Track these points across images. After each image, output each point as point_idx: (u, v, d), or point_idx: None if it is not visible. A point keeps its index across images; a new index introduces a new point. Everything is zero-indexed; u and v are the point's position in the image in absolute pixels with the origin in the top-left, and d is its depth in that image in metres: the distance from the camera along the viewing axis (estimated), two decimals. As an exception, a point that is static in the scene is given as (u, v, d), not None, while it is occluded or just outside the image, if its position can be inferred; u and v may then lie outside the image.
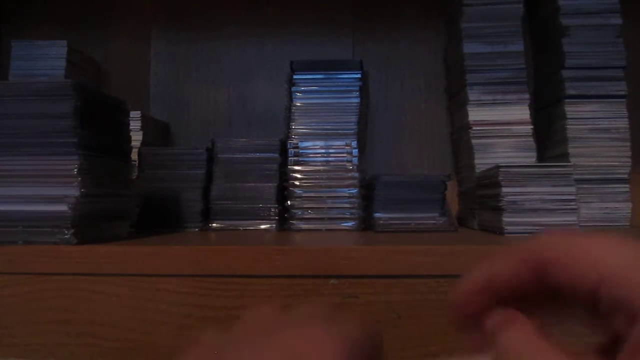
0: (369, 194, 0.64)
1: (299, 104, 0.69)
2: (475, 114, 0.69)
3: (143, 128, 0.73)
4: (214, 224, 0.65)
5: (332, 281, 0.42)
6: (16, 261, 0.44)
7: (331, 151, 0.66)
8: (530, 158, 0.67)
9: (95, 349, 0.43)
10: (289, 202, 0.65)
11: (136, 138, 0.69)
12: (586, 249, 0.17)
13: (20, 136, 0.47)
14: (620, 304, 0.15)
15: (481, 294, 0.18)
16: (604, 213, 0.68)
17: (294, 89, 0.69)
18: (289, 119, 0.68)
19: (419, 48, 0.84)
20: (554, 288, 0.17)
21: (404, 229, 0.60)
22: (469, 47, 0.70)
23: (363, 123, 0.70)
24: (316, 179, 0.65)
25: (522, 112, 0.69)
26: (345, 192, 0.65)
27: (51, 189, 0.46)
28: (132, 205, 0.57)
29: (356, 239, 0.53)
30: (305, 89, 0.69)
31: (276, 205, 0.65)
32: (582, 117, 0.68)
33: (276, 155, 0.67)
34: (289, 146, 0.66)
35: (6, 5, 0.88)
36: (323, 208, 0.64)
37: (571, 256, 0.17)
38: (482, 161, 0.68)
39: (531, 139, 0.68)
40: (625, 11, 0.68)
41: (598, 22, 0.69)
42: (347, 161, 0.66)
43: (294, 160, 0.66)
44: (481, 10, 0.70)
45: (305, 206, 0.65)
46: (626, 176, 0.68)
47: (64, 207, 0.45)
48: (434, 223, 0.61)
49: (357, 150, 0.66)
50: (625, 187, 0.68)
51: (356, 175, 0.65)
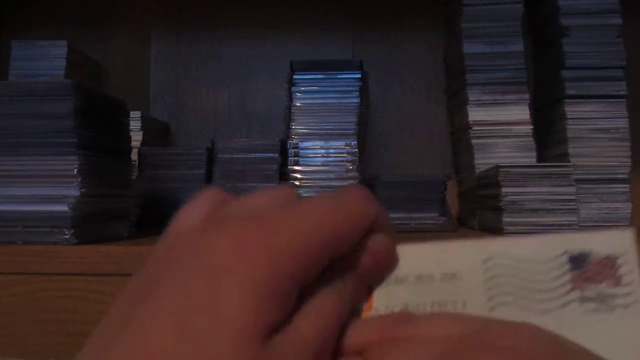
0: (369, 194, 0.64)
1: (299, 104, 0.69)
2: (475, 114, 0.69)
3: (143, 128, 0.73)
4: (214, 224, 0.65)
5: (332, 281, 0.42)
6: (16, 261, 0.44)
7: (331, 151, 0.66)
8: (530, 158, 0.67)
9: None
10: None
11: (136, 138, 0.69)
12: None
13: (20, 136, 0.47)
14: None
15: None
16: (604, 213, 0.68)
17: (294, 89, 0.69)
18: (289, 119, 0.68)
19: (419, 48, 0.84)
20: None
21: (404, 229, 0.60)
22: (469, 47, 0.70)
23: (363, 123, 0.70)
24: (316, 179, 0.65)
25: (522, 112, 0.69)
26: (345, 192, 0.64)
27: (51, 189, 0.46)
28: (132, 205, 0.57)
29: (356, 239, 0.53)
30: (305, 89, 0.69)
31: (276, 205, 0.65)
32: (582, 117, 0.68)
33: (276, 155, 0.67)
34: (289, 146, 0.66)
35: (6, 5, 0.88)
36: (323, 208, 0.64)
37: None
38: (482, 161, 0.68)
39: (531, 139, 0.68)
40: (625, 11, 0.68)
41: (598, 22, 0.69)
42: (347, 161, 0.66)
43: (294, 160, 0.66)
44: (481, 10, 0.70)
45: (305, 206, 0.65)
46: (626, 176, 0.68)
47: (64, 207, 0.45)
48: (433, 223, 0.61)
49: (357, 150, 0.66)
50: (625, 187, 0.68)
51: (356, 175, 0.65)
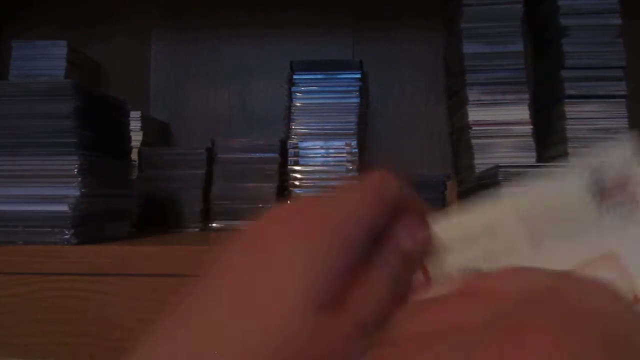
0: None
1: (299, 104, 0.69)
2: (475, 114, 0.69)
3: (143, 128, 0.73)
4: (214, 224, 0.65)
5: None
6: (16, 261, 0.44)
7: (331, 151, 0.66)
8: (530, 158, 0.67)
9: (95, 349, 0.43)
10: (288, 202, 0.65)
11: (136, 138, 0.69)
12: None
13: (20, 136, 0.47)
14: None
15: None
16: (603, 213, 0.68)
17: (294, 89, 0.69)
18: (289, 119, 0.68)
19: (419, 48, 0.84)
20: None
21: (404, 229, 0.60)
22: (469, 47, 0.70)
23: (363, 123, 0.70)
24: (316, 179, 0.65)
25: (522, 112, 0.69)
26: (345, 192, 0.65)
27: (51, 189, 0.46)
28: (132, 205, 0.57)
29: (356, 239, 0.53)
30: (305, 89, 0.69)
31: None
32: (582, 117, 0.68)
33: (276, 155, 0.67)
34: (289, 146, 0.66)
35: (6, 5, 0.88)
36: (323, 208, 0.64)
37: None
38: (482, 161, 0.68)
39: (531, 139, 0.68)
40: (625, 11, 0.68)
41: (598, 22, 0.69)
42: (347, 161, 0.66)
43: (294, 160, 0.66)
44: (481, 10, 0.70)
45: (305, 206, 0.65)
46: (626, 176, 0.68)
47: (64, 207, 0.45)
48: (434, 223, 0.61)
49: (357, 150, 0.66)
50: (625, 187, 0.68)
51: (356, 175, 0.65)
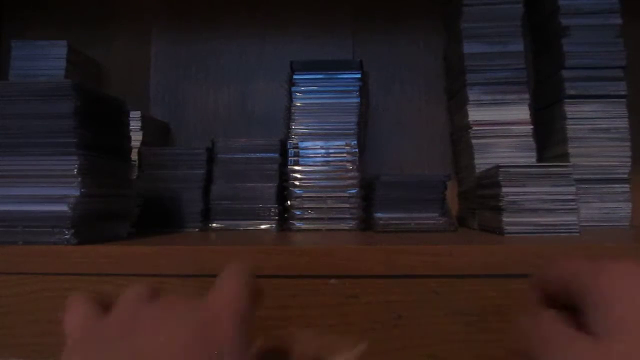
0: (369, 194, 0.64)
1: (299, 104, 0.69)
2: (475, 114, 0.70)
3: (143, 128, 0.73)
4: (214, 224, 0.65)
5: (332, 281, 0.42)
6: (16, 261, 0.44)
7: (331, 151, 0.66)
8: (530, 158, 0.67)
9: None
10: (289, 202, 0.65)
11: (136, 138, 0.69)
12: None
13: (20, 136, 0.47)
14: None
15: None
16: (604, 213, 0.68)
17: (294, 89, 0.69)
18: (289, 119, 0.68)
19: (419, 48, 0.84)
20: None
21: (404, 229, 0.60)
22: (469, 47, 0.70)
23: (363, 123, 0.70)
24: (316, 179, 0.65)
25: (522, 112, 0.69)
26: (345, 192, 0.65)
27: (51, 189, 0.46)
28: (132, 205, 0.57)
29: (356, 239, 0.53)
30: (305, 89, 0.69)
31: (276, 205, 0.65)
32: (582, 117, 0.68)
33: (276, 155, 0.67)
34: (289, 146, 0.66)
35: (6, 5, 0.88)
36: (323, 208, 0.64)
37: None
38: (482, 161, 0.68)
39: (531, 139, 0.68)
40: (625, 11, 0.68)
41: (598, 22, 0.69)
42: (347, 161, 0.66)
43: (294, 160, 0.66)
44: (481, 10, 0.70)
45: (305, 206, 0.65)
46: (626, 176, 0.68)
47: (64, 207, 0.45)
48: (434, 223, 0.61)
49: (357, 150, 0.66)
50: (625, 187, 0.68)
51: (356, 175, 0.65)
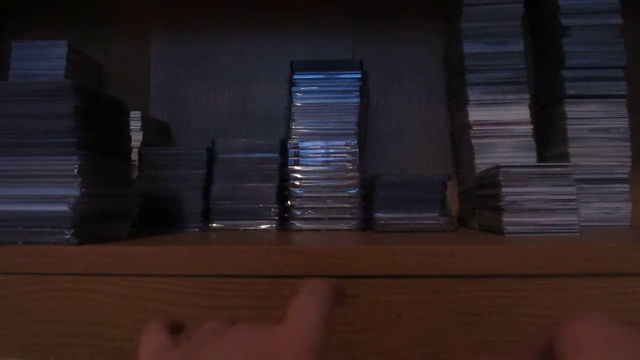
0: (369, 194, 0.64)
1: (299, 104, 0.69)
2: (475, 114, 0.69)
3: (143, 128, 0.73)
4: (214, 224, 0.65)
5: (332, 281, 0.42)
6: (16, 261, 0.44)
7: (331, 151, 0.66)
8: (530, 158, 0.67)
9: (95, 349, 0.43)
10: (289, 202, 0.65)
11: (136, 138, 0.69)
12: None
13: (20, 136, 0.47)
14: None
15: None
16: (604, 213, 0.68)
17: (294, 89, 0.69)
18: (289, 119, 0.68)
19: (418, 48, 0.84)
20: None
21: (404, 229, 0.60)
22: (469, 47, 0.70)
23: (363, 123, 0.70)
24: (316, 179, 0.65)
25: (522, 112, 0.69)
26: (345, 192, 0.65)
27: (51, 189, 0.46)
28: (132, 205, 0.57)
29: (356, 239, 0.53)
30: (305, 89, 0.69)
31: (276, 205, 0.65)
32: (582, 117, 0.68)
33: (276, 155, 0.67)
34: (289, 146, 0.66)
35: (6, 5, 0.88)
36: (323, 208, 0.64)
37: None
38: (482, 161, 0.68)
39: (531, 139, 0.68)
40: (625, 11, 0.68)
41: (598, 22, 0.69)
42: (347, 161, 0.66)
43: (294, 160, 0.66)
44: (481, 10, 0.70)
45: (305, 206, 0.65)
46: (626, 176, 0.68)
47: (64, 207, 0.45)
48: (434, 223, 0.61)
49: (357, 150, 0.66)
50: (625, 187, 0.68)
51: (356, 175, 0.65)
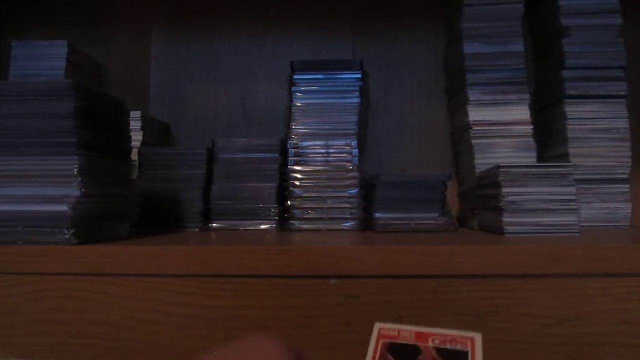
0: (369, 194, 0.64)
1: (299, 104, 0.69)
2: (475, 114, 0.69)
3: (143, 128, 0.73)
4: (214, 224, 0.65)
5: (332, 281, 0.42)
6: (16, 261, 0.44)
7: (331, 151, 0.66)
8: (530, 158, 0.67)
9: (95, 349, 0.43)
10: (289, 202, 0.65)
11: (136, 138, 0.69)
12: None
13: (20, 136, 0.47)
14: None
15: None
16: (604, 213, 0.68)
17: (294, 89, 0.69)
18: (289, 119, 0.68)
19: (419, 48, 0.84)
20: None
21: (404, 229, 0.60)
22: (469, 47, 0.70)
23: (363, 123, 0.70)
24: (316, 179, 0.65)
25: (522, 112, 0.69)
26: (345, 192, 0.65)
27: (51, 189, 0.46)
28: (132, 205, 0.57)
29: (356, 239, 0.53)
30: (306, 89, 0.69)
31: (276, 205, 0.65)
32: (582, 117, 0.68)
33: (276, 155, 0.67)
34: (289, 146, 0.66)
35: (6, 5, 0.88)
36: (323, 208, 0.64)
37: None
38: (482, 161, 0.68)
39: (531, 139, 0.68)
40: (625, 11, 0.68)
41: (598, 22, 0.69)
42: (347, 161, 0.66)
43: (294, 160, 0.66)
44: (481, 10, 0.70)
45: (305, 206, 0.65)
46: (626, 176, 0.68)
47: (64, 207, 0.45)
48: (434, 223, 0.61)
49: (357, 150, 0.66)
50: (625, 187, 0.68)
51: (356, 175, 0.65)
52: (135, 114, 0.71)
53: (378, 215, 0.62)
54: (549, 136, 0.73)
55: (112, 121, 0.54)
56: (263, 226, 0.65)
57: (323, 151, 0.66)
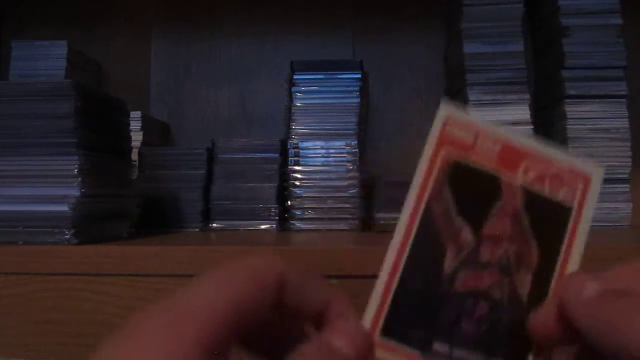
0: (369, 194, 0.64)
1: (299, 104, 0.69)
2: (475, 114, 0.69)
3: (143, 128, 0.73)
4: (214, 224, 0.65)
5: (332, 281, 0.42)
6: (16, 261, 0.44)
7: (331, 151, 0.66)
8: (531, 158, 0.67)
9: (95, 349, 0.43)
10: (289, 202, 0.65)
11: (136, 138, 0.69)
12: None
13: (20, 136, 0.47)
14: None
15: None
16: (604, 213, 0.68)
17: (294, 89, 0.69)
18: (289, 119, 0.68)
19: (419, 48, 0.84)
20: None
21: (404, 229, 0.60)
22: (469, 47, 0.70)
23: (363, 123, 0.70)
24: (316, 179, 0.65)
25: (522, 112, 0.69)
26: (345, 192, 0.65)
27: (51, 189, 0.46)
28: (132, 205, 0.57)
29: (356, 239, 0.53)
30: (306, 89, 0.69)
31: (276, 205, 0.65)
32: (582, 117, 0.68)
33: (276, 155, 0.67)
34: (289, 146, 0.66)
35: (6, 5, 0.88)
36: (323, 208, 0.64)
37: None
38: (482, 161, 0.68)
39: (531, 139, 0.68)
40: (625, 11, 0.68)
41: (598, 22, 0.69)
42: (347, 161, 0.66)
43: (294, 160, 0.66)
44: (481, 10, 0.70)
45: (305, 206, 0.65)
46: (626, 176, 0.68)
47: (64, 207, 0.45)
48: (434, 223, 0.61)
49: (357, 150, 0.66)
50: (625, 187, 0.68)
51: (356, 175, 0.65)
52: (135, 114, 0.71)
53: (378, 215, 0.62)
54: (549, 136, 0.73)
55: (112, 121, 0.54)
56: (263, 226, 0.65)
57: (323, 151, 0.66)
